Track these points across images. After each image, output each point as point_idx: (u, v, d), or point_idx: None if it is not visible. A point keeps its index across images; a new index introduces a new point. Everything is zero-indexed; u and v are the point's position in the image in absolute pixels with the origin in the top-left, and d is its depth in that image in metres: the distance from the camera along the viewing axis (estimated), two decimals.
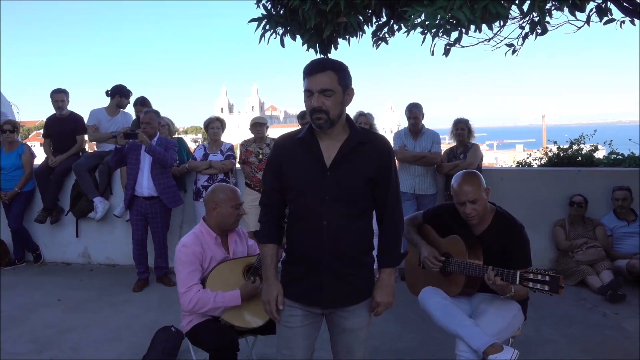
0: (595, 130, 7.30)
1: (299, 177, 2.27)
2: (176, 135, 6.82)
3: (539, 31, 3.38)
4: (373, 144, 2.30)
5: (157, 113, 5.56)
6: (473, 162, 5.69)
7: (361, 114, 5.83)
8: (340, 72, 2.18)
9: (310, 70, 2.16)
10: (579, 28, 3.49)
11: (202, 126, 6.09)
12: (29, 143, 9.69)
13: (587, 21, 3.46)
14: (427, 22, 2.81)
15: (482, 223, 3.00)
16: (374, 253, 2.45)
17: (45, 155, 6.57)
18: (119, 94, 6.46)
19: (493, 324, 2.88)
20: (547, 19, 3.33)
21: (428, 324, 3.27)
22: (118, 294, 5.39)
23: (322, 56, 2.28)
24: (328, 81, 2.14)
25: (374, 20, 3.72)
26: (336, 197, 2.24)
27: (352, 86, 2.26)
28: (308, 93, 2.18)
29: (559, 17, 3.58)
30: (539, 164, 7.27)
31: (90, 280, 5.96)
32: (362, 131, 2.34)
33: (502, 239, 2.93)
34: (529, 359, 3.77)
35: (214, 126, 5.91)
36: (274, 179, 2.36)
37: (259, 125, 5.85)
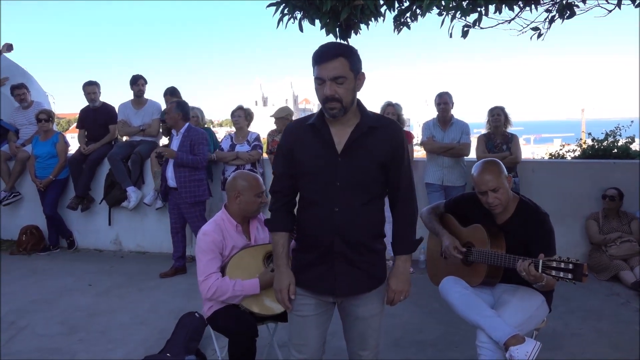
0: (632, 122, 7.07)
1: (311, 163, 2.24)
2: (205, 127, 6.88)
3: (567, 14, 3.27)
4: (385, 129, 2.25)
5: (179, 104, 5.52)
6: (519, 155, 5.62)
7: (389, 104, 5.78)
8: (351, 57, 2.12)
9: (321, 58, 2.10)
10: (610, 11, 3.36)
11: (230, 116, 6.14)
12: (70, 134, 9.94)
13: (619, 4, 3.32)
14: (442, 3, 2.74)
15: (505, 212, 2.93)
16: (386, 240, 2.42)
17: (79, 145, 6.74)
18: (130, 84, 6.58)
19: (515, 315, 2.81)
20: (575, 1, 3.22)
21: (451, 315, 3.22)
22: (147, 280, 5.49)
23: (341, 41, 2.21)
24: (340, 68, 2.08)
25: (396, 5, 3.66)
26: (348, 183, 2.20)
27: (363, 70, 2.20)
28: (319, 81, 2.12)
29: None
30: (573, 156, 7.08)
31: (121, 267, 6.09)
32: (374, 116, 2.29)
33: (525, 227, 2.86)
34: (555, 351, 3.68)
35: (235, 114, 5.98)
36: (285, 165, 2.33)
37: (282, 119, 5.95)
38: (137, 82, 6.53)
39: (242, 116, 6.01)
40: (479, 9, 3.01)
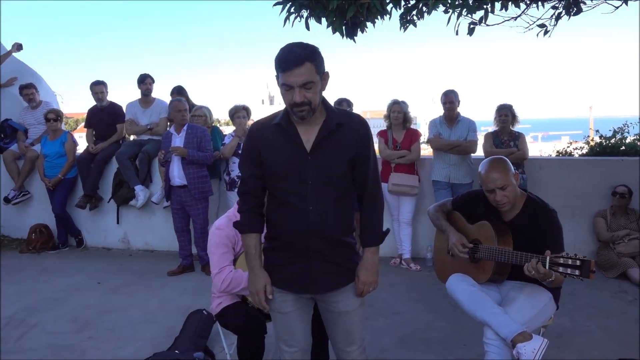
0: None
1: (281, 162, 2.23)
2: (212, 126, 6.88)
3: (573, 11, 3.26)
4: (351, 125, 2.26)
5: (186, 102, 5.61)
6: (526, 151, 5.62)
7: (395, 102, 5.80)
8: (316, 60, 2.10)
9: (288, 65, 2.06)
10: (617, 8, 3.34)
11: (228, 116, 6.08)
12: (78, 134, 9.97)
13: (625, 0, 3.31)
14: (449, 0, 2.74)
15: (512, 209, 2.93)
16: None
17: (87, 144, 6.78)
18: (137, 83, 6.61)
19: (522, 312, 2.81)
20: None
21: (459, 313, 3.23)
22: (155, 278, 5.53)
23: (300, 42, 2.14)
24: (308, 74, 2.07)
25: (402, 3, 3.66)
26: (319, 181, 2.21)
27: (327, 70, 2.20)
28: (287, 87, 2.10)
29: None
30: (581, 153, 7.05)
31: (129, 265, 6.13)
32: (339, 112, 2.29)
33: (533, 224, 2.85)
34: (562, 348, 3.68)
35: (240, 115, 5.92)
36: (254, 166, 2.30)
37: None
38: (145, 81, 6.57)
39: (246, 117, 5.98)
40: (485, 7, 3.01)
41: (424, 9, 3.49)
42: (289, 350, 2.45)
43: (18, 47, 7.32)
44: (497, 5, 3.03)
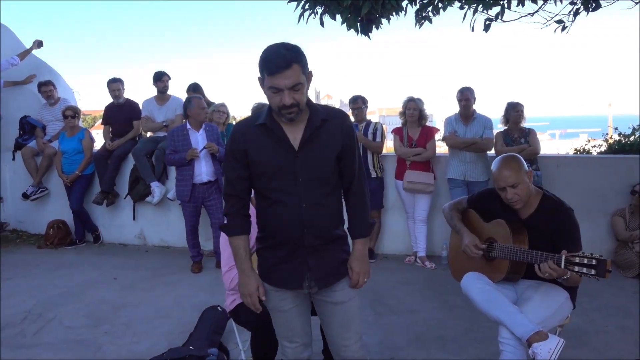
0: None
1: (269, 161, 2.22)
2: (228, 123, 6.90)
3: (592, 7, 3.21)
4: (335, 120, 2.27)
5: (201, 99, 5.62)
6: (538, 147, 5.56)
7: (410, 100, 5.76)
8: (302, 60, 2.09)
9: (276, 68, 2.03)
10: (637, 3, 3.29)
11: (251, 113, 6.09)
12: (95, 131, 10.07)
13: None
14: None
15: (528, 207, 2.90)
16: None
17: (104, 141, 6.84)
18: (154, 80, 6.62)
19: (538, 312, 2.78)
20: None
21: (474, 311, 3.21)
22: (170, 274, 5.57)
23: (282, 43, 2.12)
24: (296, 76, 2.05)
25: None
26: (310, 178, 2.22)
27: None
28: (275, 90, 2.08)
29: None
30: (599, 151, 6.96)
31: (145, 261, 6.18)
32: (322, 108, 2.28)
33: (549, 222, 2.82)
34: (579, 349, 3.64)
35: None
36: (240, 168, 2.28)
37: None
38: (162, 79, 6.59)
39: None
40: (501, 2, 2.98)
41: (440, 5, 3.47)
42: (290, 345, 2.48)
43: (39, 44, 7.39)
44: (514, 1, 3.00)
